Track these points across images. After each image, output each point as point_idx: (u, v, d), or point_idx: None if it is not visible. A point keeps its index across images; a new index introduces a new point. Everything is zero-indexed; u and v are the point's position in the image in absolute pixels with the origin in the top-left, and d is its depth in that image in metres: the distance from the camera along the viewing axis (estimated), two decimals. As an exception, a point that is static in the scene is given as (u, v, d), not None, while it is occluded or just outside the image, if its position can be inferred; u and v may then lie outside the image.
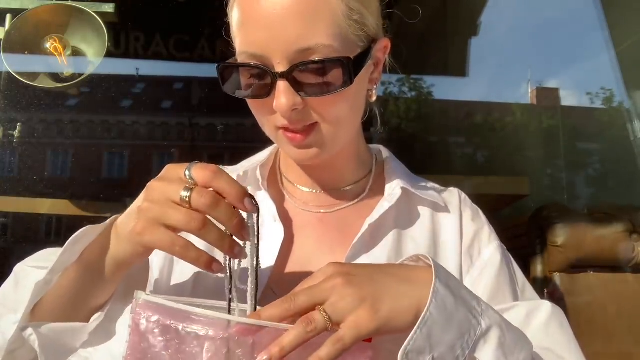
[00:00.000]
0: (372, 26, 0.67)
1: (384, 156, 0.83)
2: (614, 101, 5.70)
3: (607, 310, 1.73)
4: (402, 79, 5.20)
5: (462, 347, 0.52)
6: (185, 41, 3.25)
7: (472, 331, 0.53)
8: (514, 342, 0.55)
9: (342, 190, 0.78)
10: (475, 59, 3.52)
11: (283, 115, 0.64)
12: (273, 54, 0.61)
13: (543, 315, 0.67)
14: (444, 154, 4.93)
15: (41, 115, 2.97)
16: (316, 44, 0.60)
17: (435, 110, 5.30)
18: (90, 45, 1.97)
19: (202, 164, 0.54)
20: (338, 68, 0.61)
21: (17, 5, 2.00)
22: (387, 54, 0.72)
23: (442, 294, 0.53)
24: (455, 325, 0.52)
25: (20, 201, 2.34)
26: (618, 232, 1.77)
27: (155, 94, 8.68)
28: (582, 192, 6.48)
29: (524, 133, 4.97)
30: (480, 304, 0.56)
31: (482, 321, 0.54)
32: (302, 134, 0.65)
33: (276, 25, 0.60)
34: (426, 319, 0.51)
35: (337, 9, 0.61)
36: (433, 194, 0.78)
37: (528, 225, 1.88)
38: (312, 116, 0.65)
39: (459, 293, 0.55)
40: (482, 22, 3.33)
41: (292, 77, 0.61)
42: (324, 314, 0.50)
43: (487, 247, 0.75)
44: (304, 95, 0.62)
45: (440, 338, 0.52)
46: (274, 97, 0.62)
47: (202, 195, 0.52)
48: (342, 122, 0.67)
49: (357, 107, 0.71)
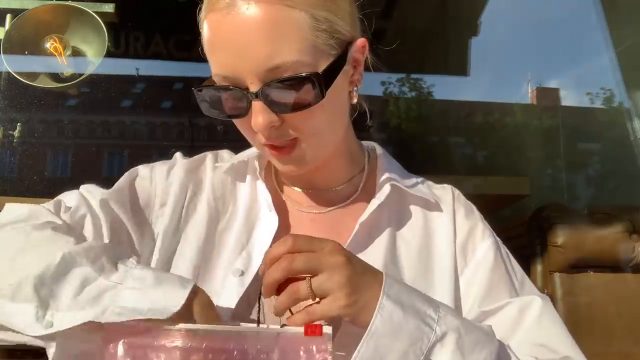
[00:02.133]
0: (344, 30, 0.66)
1: (378, 153, 0.83)
2: (614, 101, 5.70)
3: (607, 310, 1.73)
4: (402, 79, 5.19)
5: (414, 353, 0.56)
6: (185, 41, 3.25)
7: (425, 338, 0.56)
8: (474, 343, 0.58)
9: (334, 190, 0.78)
10: (475, 59, 3.52)
11: (262, 134, 0.64)
12: (245, 75, 0.61)
13: (535, 311, 0.69)
14: (444, 154, 4.93)
15: (41, 115, 2.96)
16: (284, 62, 0.60)
17: (435, 110, 5.30)
18: (90, 45, 1.97)
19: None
20: (308, 84, 0.61)
21: (17, 5, 2.00)
22: (365, 54, 0.71)
23: (389, 309, 0.57)
24: (404, 335, 0.56)
25: (20, 201, 2.33)
26: (618, 232, 1.76)
27: (155, 94, 8.68)
28: (582, 192, 6.47)
29: (524, 133, 4.96)
30: (437, 311, 0.59)
31: (437, 328, 0.57)
32: (284, 149, 0.66)
33: (244, 47, 0.60)
34: (372, 332, 0.55)
35: (302, 22, 0.61)
36: (426, 192, 0.78)
37: (528, 225, 1.87)
38: (291, 132, 0.65)
39: (411, 305, 0.58)
40: (482, 22, 3.32)
41: (266, 95, 0.61)
42: (309, 286, 0.56)
43: (481, 245, 0.75)
44: (278, 112, 0.63)
45: (388, 348, 0.55)
46: (251, 116, 0.63)
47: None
48: (323, 133, 0.68)
49: (338, 115, 0.71)
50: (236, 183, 0.80)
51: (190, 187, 0.77)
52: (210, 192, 0.77)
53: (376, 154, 0.83)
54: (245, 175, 0.80)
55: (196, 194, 0.77)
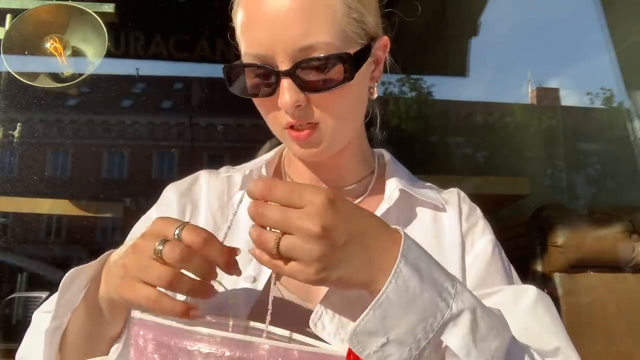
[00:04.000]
0: (371, 25, 0.69)
1: (386, 159, 0.84)
2: (614, 101, 5.70)
3: (607, 310, 1.73)
4: (402, 79, 5.20)
5: (424, 329, 0.50)
6: (185, 41, 3.25)
7: (439, 314, 0.51)
8: (488, 328, 0.53)
9: (344, 190, 0.79)
10: (475, 59, 3.52)
11: (287, 112, 0.65)
12: (276, 54, 0.63)
13: (530, 298, 0.67)
14: (444, 154, 4.93)
15: (41, 115, 2.97)
16: (317, 42, 0.62)
17: (435, 110, 5.30)
18: (90, 45, 1.97)
19: (194, 227, 0.54)
20: (339, 64, 0.63)
21: (17, 5, 2.00)
22: (387, 53, 0.74)
23: (405, 276, 0.51)
24: (417, 308, 0.50)
25: (20, 201, 2.34)
26: (618, 232, 1.77)
27: (155, 94, 8.68)
28: (582, 192, 6.47)
29: (524, 133, 4.97)
30: (454, 286, 0.54)
31: (452, 304, 0.52)
32: (305, 132, 0.67)
33: (278, 26, 0.63)
34: (381, 300, 0.50)
35: (336, 7, 0.64)
36: (433, 196, 0.78)
37: (528, 225, 1.88)
38: (315, 114, 0.66)
39: (429, 274, 0.53)
40: (482, 22, 3.33)
41: (295, 74, 0.63)
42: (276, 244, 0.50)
43: (480, 240, 0.76)
44: (306, 92, 0.64)
45: (397, 321, 0.50)
46: (278, 96, 0.64)
47: (173, 249, 0.52)
48: (344, 118, 0.69)
49: (359, 104, 0.72)
50: (234, 193, 0.80)
51: (188, 207, 0.78)
52: (208, 207, 0.78)
53: (385, 159, 0.84)
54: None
55: (194, 212, 0.78)
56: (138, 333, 0.53)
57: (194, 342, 0.50)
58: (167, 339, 0.51)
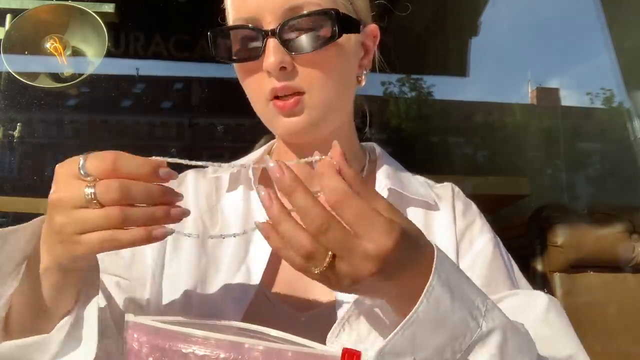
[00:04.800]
0: (360, 7, 0.70)
1: (377, 152, 0.83)
2: (614, 101, 5.70)
3: (607, 310, 1.73)
4: (402, 79, 5.19)
5: (452, 349, 0.48)
6: (185, 41, 3.25)
7: (469, 334, 0.49)
8: (516, 349, 0.51)
9: None
10: (475, 59, 3.52)
11: (272, 74, 0.65)
12: (263, 15, 0.64)
13: (542, 305, 0.66)
14: (444, 154, 4.92)
15: (41, 115, 2.97)
16: (305, 1, 0.63)
17: (435, 110, 5.30)
18: (90, 45, 1.97)
19: (95, 155, 0.49)
20: (326, 22, 0.64)
21: (17, 5, 2.00)
22: (376, 44, 0.74)
23: (437, 295, 0.47)
24: (448, 327, 0.48)
25: (20, 201, 2.34)
26: (618, 232, 1.76)
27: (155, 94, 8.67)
28: (582, 192, 6.46)
29: (524, 133, 4.96)
30: (485, 303, 0.51)
31: (483, 323, 0.50)
32: (291, 101, 0.66)
33: None
34: (412, 320, 0.47)
35: None
36: (425, 193, 0.77)
37: (528, 225, 1.88)
38: (300, 80, 0.66)
39: (460, 291, 0.50)
40: (482, 22, 3.33)
41: (282, 35, 0.63)
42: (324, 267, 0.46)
43: (479, 239, 0.74)
44: (293, 52, 0.64)
45: (426, 341, 0.47)
46: (263, 61, 0.64)
47: (108, 189, 0.48)
48: (329, 89, 0.68)
49: (346, 82, 0.71)
50: (222, 195, 0.78)
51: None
52: (196, 208, 0.76)
53: (376, 154, 0.83)
54: (237, 186, 0.79)
55: None
56: (132, 336, 0.52)
57: (188, 345, 0.50)
58: (162, 342, 0.51)
